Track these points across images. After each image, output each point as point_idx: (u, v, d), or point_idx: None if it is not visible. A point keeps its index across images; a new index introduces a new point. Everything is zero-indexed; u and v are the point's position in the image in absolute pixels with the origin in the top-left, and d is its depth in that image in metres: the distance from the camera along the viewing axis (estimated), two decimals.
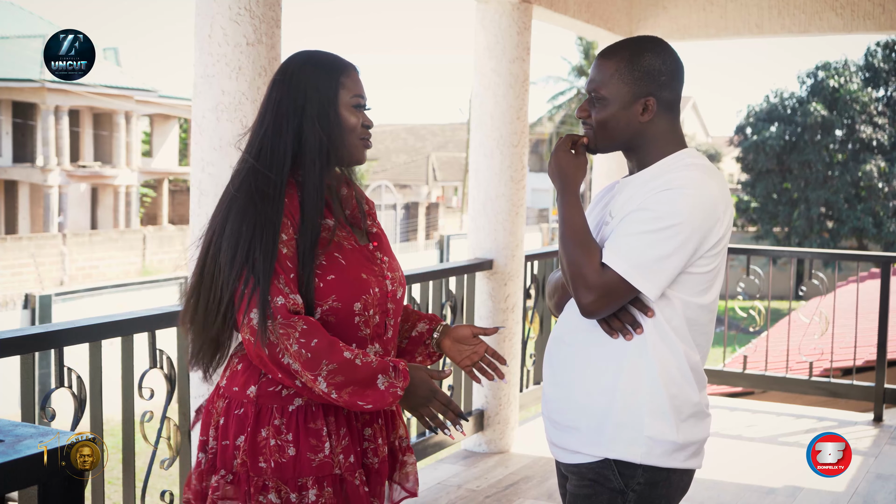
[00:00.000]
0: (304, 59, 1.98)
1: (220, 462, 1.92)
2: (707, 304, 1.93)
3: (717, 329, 16.72)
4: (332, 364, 1.80)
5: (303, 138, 1.93)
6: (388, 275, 2.02)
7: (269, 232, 1.84)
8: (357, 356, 1.83)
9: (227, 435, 1.91)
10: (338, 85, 1.95)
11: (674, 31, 5.78)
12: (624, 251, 1.85)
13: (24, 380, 2.59)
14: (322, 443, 1.89)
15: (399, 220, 28.56)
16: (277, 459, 1.86)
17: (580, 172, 1.97)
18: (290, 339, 1.80)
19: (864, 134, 26.37)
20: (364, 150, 2.00)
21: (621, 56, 1.93)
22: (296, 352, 1.80)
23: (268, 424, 1.88)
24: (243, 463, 1.88)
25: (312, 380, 1.80)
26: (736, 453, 4.75)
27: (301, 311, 1.84)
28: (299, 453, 1.87)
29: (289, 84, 1.95)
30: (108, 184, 28.37)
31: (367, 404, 1.84)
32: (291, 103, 1.93)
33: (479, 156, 4.60)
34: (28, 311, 10.68)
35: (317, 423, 1.89)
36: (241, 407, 1.91)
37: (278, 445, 1.87)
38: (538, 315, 5.18)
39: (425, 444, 4.29)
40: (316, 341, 1.80)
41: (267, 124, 1.94)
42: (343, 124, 1.95)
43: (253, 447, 1.88)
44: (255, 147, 1.94)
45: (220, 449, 1.92)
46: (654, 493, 1.91)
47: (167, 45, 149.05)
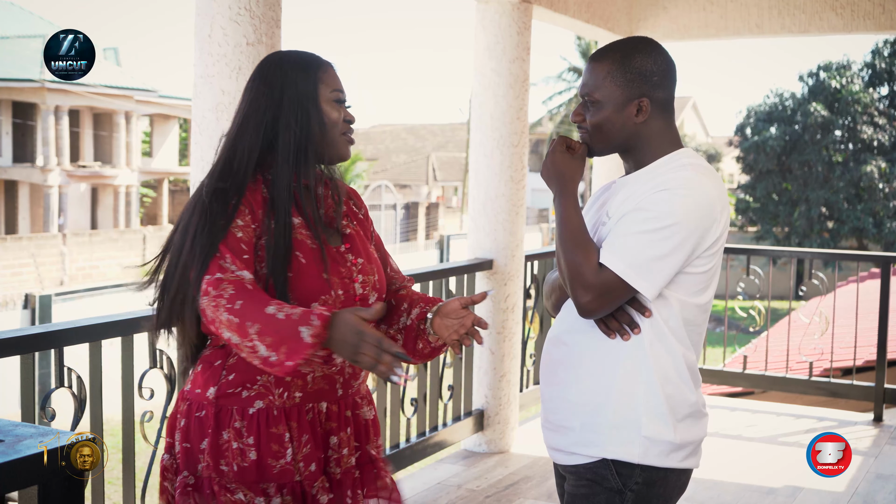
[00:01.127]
0: (279, 59, 1.96)
1: (183, 463, 1.89)
2: (703, 304, 1.94)
3: (718, 329, 16.77)
4: (256, 324, 1.70)
5: (276, 136, 1.90)
6: (359, 278, 1.96)
7: (214, 218, 1.81)
8: (281, 309, 1.71)
9: (189, 437, 1.89)
10: (316, 80, 1.93)
11: (674, 31, 5.78)
12: (621, 251, 1.85)
13: (24, 380, 2.59)
14: (284, 449, 1.85)
15: (399, 220, 28.55)
16: (240, 463, 1.84)
17: (577, 173, 1.97)
18: (220, 308, 1.73)
19: (865, 134, 26.37)
20: (347, 146, 1.98)
21: (612, 58, 1.94)
22: (226, 321, 1.72)
23: (228, 427, 1.85)
24: (207, 467, 1.85)
25: (251, 349, 1.71)
26: (736, 453, 4.75)
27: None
28: (261, 458, 1.84)
29: (265, 84, 1.93)
30: (108, 184, 28.36)
31: (297, 359, 1.69)
32: (267, 101, 1.90)
33: (479, 156, 4.60)
34: (28, 311, 10.67)
35: (279, 427, 1.85)
36: (202, 409, 1.88)
37: (240, 449, 1.84)
38: (538, 315, 5.18)
39: (425, 444, 4.29)
40: (241, 303, 1.72)
41: (241, 125, 1.92)
42: (325, 119, 1.92)
43: (215, 450, 1.85)
44: (226, 149, 1.92)
45: (183, 451, 1.90)
46: (651, 492, 1.92)
47: (167, 45, 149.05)
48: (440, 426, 4.43)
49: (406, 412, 4.21)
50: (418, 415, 4.29)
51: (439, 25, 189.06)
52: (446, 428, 4.44)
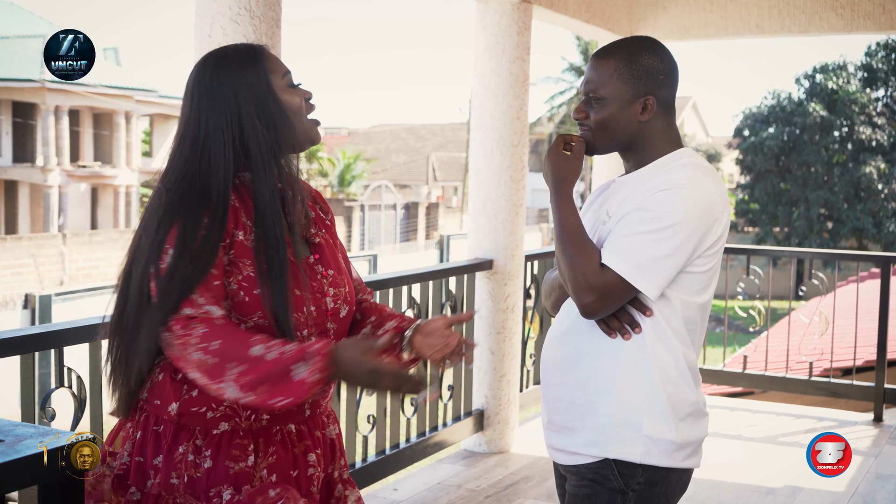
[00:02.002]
0: (218, 62, 1.82)
1: (132, 479, 1.75)
2: (704, 304, 1.94)
3: (717, 329, 16.75)
4: (239, 366, 1.62)
5: (245, 143, 1.77)
6: (330, 291, 1.85)
7: (197, 255, 1.70)
8: (270, 349, 1.64)
9: (143, 452, 1.76)
10: (265, 71, 1.80)
11: (674, 31, 5.78)
12: (623, 251, 1.85)
13: (24, 380, 2.59)
14: (246, 455, 1.75)
15: (399, 220, 28.55)
16: (192, 474, 1.73)
17: (573, 173, 1.96)
18: (188, 348, 1.64)
19: (864, 135, 26.36)
20: (316, 128, 1.86)
21: (619, 56, 1.93)
22: (197, 361, 1.64)
23: (187, 442, 1.74)
24: (157, 484, 1.73)
25: (218, 390, 1.64)
26: (736, 453, 4.75)
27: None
28: (216, 465, 1.72)
29: (213, 94, 1.78)
30: (108, 184, 28.36)
31: (285, 398, 1.62)
32: (223, 113, 1.77)
33: (479, 156, 4.60)
34: (28, 311, 10.67)
35: (245, 440, 1.75)
36: (161, 424, 1.75)
37: (195, 462, 1.73)
38: (538, 315, 5.18)
39: (425, 444, 4.29)
40: (219, 342, 1.64)
41: (198, 144, 1.77)
42: (287, 109, 1.80)
43: (168, 464, 1.73)
44: (193, 171, 1.76)
45: (133, 465, 1.76)
46: (653, 492, 1.92)
47: (167, 45, 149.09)
48: (440, 426, 4.43)
49: (406, 412, 4.21)
50: (418, 415, 4.29)
51: (439, 25, 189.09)
52: (446, 428, 4.44)
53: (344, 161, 35.00)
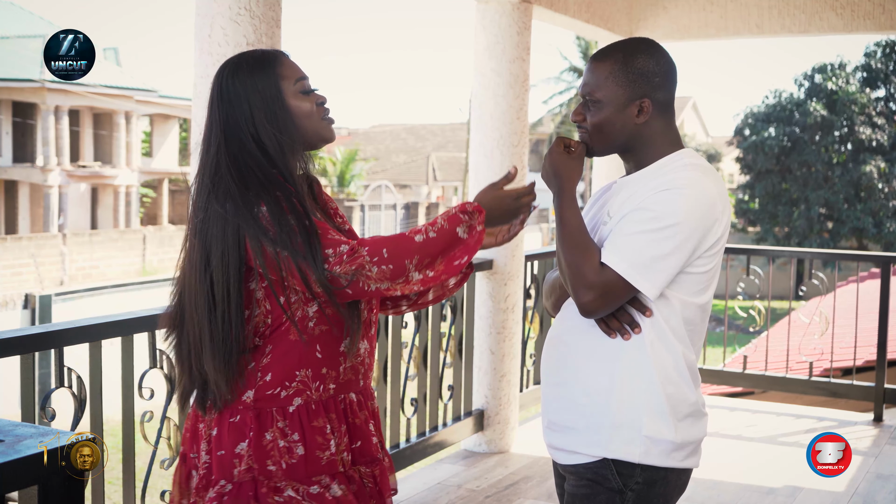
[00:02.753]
0: (233, 68, 1.91)
1: (216, 473, 1.86)
2: (704, 304, 1.94)
3: (718, 329, 16.76)
4: (413, 257, 1.77)
5: (262, 143, 1.87)
6: None
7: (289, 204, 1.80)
8: (427, 231, 1.80)
9: (223, 444, 1.86)
10: (277, 78, 1.89)
11: (674, 31, 5.78)
12: (623, 251, 1.85)
13: (24, 380, 2.59)
14: (327, 441, 1.86)
15: (399, 220, 28.55)
16: (288, 461, 1.83)
17: (575, 173, 1.97)
18: (366, 267, 1.76)
19: (864, 135, 26.37)
20: (329, 128, 1.94)
21: (615, 58, 1.94)
22: (378, 274, 1.77)
23: (271, 427, 1.84)
24: (248, 469, 1.83)
25: (405, 283, 1.79)
26: (736, 453, 4.75)
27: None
28: (308, 452, 1.84)
29: (229, 99, 1.89)
30: (108, 184, 28.37)
31: (463, 258, 1.82)
32: (241, 116, 1.87)
33: (479, 156, 4.60)
34: (28, 311, 10.68)
35: (319, 420, 1.86)
36: (237, 414, 1.85)
37: (287, 447, 1.84)
38: (538, 315, 5.18)
39: (425, 444, 4.29)
40: (386, 250, 1.77)
41: (220, 146, 1.87)
42: (296, 114, 1.89)
43: (259, 451, 1.83)
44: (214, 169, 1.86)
45: (215, 461, 1.86)
46: (652, 492, 1.92)
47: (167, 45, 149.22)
48: (440, 426, 4.43)
49: (406, 412, 4.21)
50: (418, 415, 4.29)
51: (439, 25, 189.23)
52: (446, 428, 4.44)
53: (342, 160, 35.01)
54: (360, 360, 1.95)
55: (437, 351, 4.38)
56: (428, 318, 4.29)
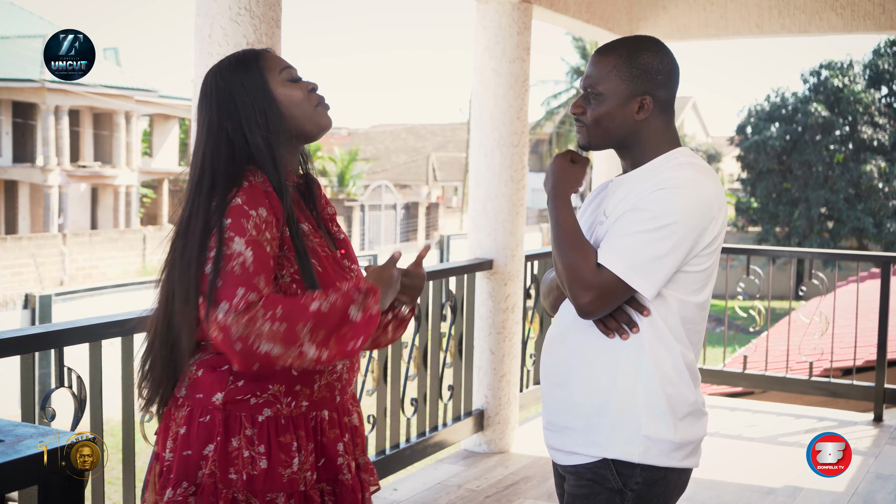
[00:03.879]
0: (217, 69, 1.90)
1: (179, 473, 1.81)
2: (701, 303, 1.94)
3: (717, 329, 16.76)
4: (307, 323, 1.71)
5: (250, 144, 1.84)
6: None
7: (220, 231, 1.76)
8: (321, 302, 1.74)
9: (190, 444, 1.82)
10: (261, 70, 1.87)
11: (674, 31, 5.78)
12: (620, 251, 1.85)
13: (24, 380, 2.59)
14: (291, 458, 1.82)
15: (399, 220, 28.55)
16: (249, 472, 1.79)
17: (573, 178, 1.97)
18: (258, 322, 1.70)
19: (865, 134, 26.36)
20: (325, 114, 1.90)
21: (619, 53, 1.94)
22: (269, 332, 1.70)
23: (238, 434, 1.80)
24: (211, 474, 1.79)
25: (299, 353, 1.72)
26: (736, 453, 4.75)
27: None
28: (271, 467, 1.80)
29: (214, 98, 1.87)
30: (108, 184, 28.36)
31: (356, 341, 1.77)
32: (225, 115, 1.85)
33: (479, 156, 4.60)
34: (28, 311, 10.67)
35: (287, 436, 1.83)
36: (207, 414, 1.81)
37: (251, 457, 1.80)
38: (538, 315, 5.18)
39: (425, 444, 4.29)
40: (280, 308, 1.71)
41: (206, 146, 1.85)
42: (285, 103, 1.86)
43: (224, 457, 1.79)
44: (197, 173, 1.84)
45: (178, 460, 1.82)
46: (652, 492, 1.91)
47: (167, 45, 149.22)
48: (440, 426, 4.43)
49: (406, 412, 4.21)
50: (418, 415, 4.29)
51: (439, 25, 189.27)
52: (446, 428, 4.44)
53: (342, 160, 35.01)
54: (336, 377, 1.91)
55: (437, 351, 4.38)
56: (428, 318, 4.29)
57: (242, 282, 1.72)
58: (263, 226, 1.77)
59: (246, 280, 1.72)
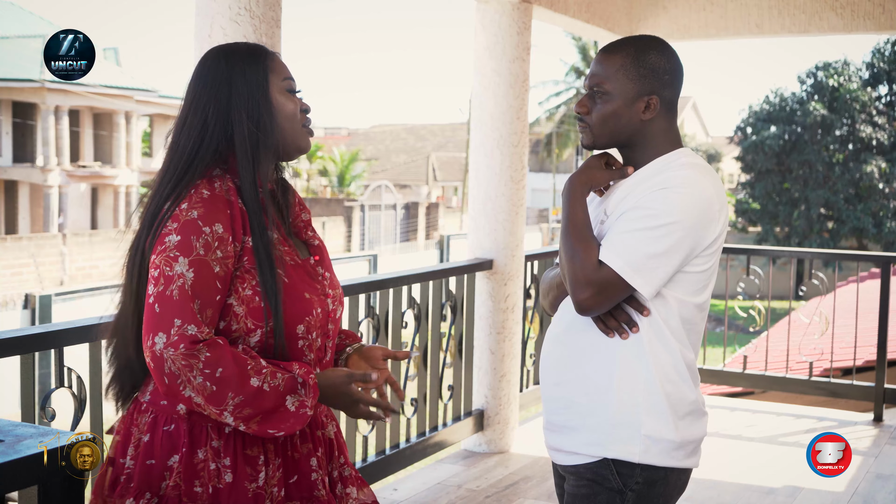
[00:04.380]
0: (222, 52, 1.83)
1: (141, 483, 1.72)
2: (701, 303, 1.94)
3: (718, 329, 16.78)
4: (238, 396, 1.65)
5: (230, 134, 1.77)
6: (330, 293, 1.87)
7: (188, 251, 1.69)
8: (265, 380, 1.67)
9: (153, 454, 1.73)
10: (266, 70, 1.81)
11: (674, 31, 5.78)
12: (620, 248, 1.85)
13: (24, 380, 2.59)
14: (257, 472, 1.75)
15: (399, 220, 28.55)
16: (215, 485, 1.71)
17: (598, 178, 1.94)
18: (193, 370, 1.63)
19: (864, 134, 26.37)
20: (307, 137, 1.85)
21: (626, 52, 1.93)
22: (199, 385, 1.64)
23: (205, 445, 1.73)
24: (175, 486, 1.71)
25: (217, 414, 1.66)
26: (736, 453, 4.75)
27: (208, 339, 1.67)
28: (236, 480, 1.72)
29: (209, 78, 1.79)
30: (108, 184, 28.37)
31: (278, 431, 1.70)
32: (214, 97, 1.77)
33: (479, 156, 4.60)
34: (28, 311, 10.68)
35: (254, 449, 1.75)
36: (172, 423, 1.74)
37: (217, 470, 1.72)
38: (538, 315, 5.18)
39: (425, 444, 4.29)
40: (221, 370, 1.64)
41: (189, 121, 1.78)
42: (278, 111, 1.80)
43: (189, 469, 1.72)
44: (175, 149, 1.79)
45: (140, 469, 1.73)
46: (652, 492, 1.91)
47: (167, 45, 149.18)
48: (440, 426, 4.43)
49: (406, 412, 4.21)
50: (418, 415, 4.29)
51: (439, 25, 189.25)
52: (446, 428, 4.44)
53: (342, 161, 35.01)
54: None
55: (437, 351, 4.38)
56: (428, 318, 4.29)
57: (179, 311, 1.66)
58: (216, 244, 1.70)
59: (182, 309, 1.66)
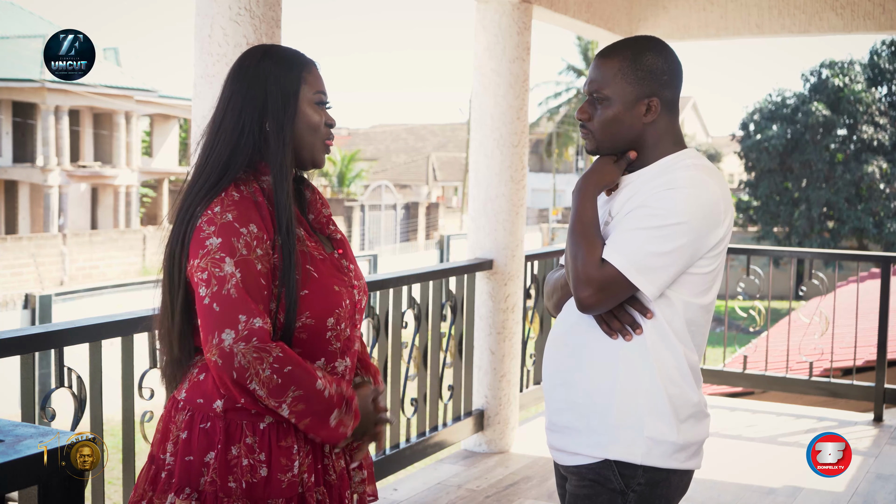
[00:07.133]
0: (262, 53, 1.88)
1: (181, 479, 1.78)
2: (707, 305, 1.93)
3: (718, 329, 16.82)
4: (298, 391, 1.72)
5: (265, 137, 1.82)
6: (356, 284, 1.92)
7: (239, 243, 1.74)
8: (326, 387, 1.76)
9: (191, 450, 1.79)
10: (300, 80, 1.85)
11: (674, 31, 5.78)
12: (623, 247, 1.84)
13: (24, 380, 2.59)
14: (292, 462, 1.80)
15: (399, 220, 28.56)
16: (249, 480, 1.77)
17: (608, 177, 1.94)
18: (263, 363, 1.70)
19: (866, 134, 26.36)
20: (324, 153, 1.89)
21: (623, 55, 1.93)
22: (266, 378, 1.70)
23: (239, 442, 1.78)
24: (212, 482, 1.76)
25: (276, 406, 1.73)
26: (736, 453, 4.75)
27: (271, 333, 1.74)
28: (271, 474, 1.78)
29: (246, 79, 1.84)
30: (108, 184, 28.37)
31: (318, 438, 1.80)
32: (250, 99, 1.82)
33: (479, 156, 4.60)
34: (28, 311, 10.67)
35: (288, 440, 1.80)
36: (208, 420, 1.79)
37: (251, 465, 1.77)
38: (538, 315, 5.18)
39: (425, 444, 4.29)
40: (290, 368, 1.72)
41: (225, 123, 1.83)
42: (304, 121, 1.84)
43: (224, 466, 1.77)
44: (211, 150, 1.83)
45: (180, 465, 1.79)
46: (654, 493, 1.91)
47: (167, 45, 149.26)
48: (440, 426, 4.43)
49: (406, 412, 4.21)
50: (418, 415, 4.29)
51: (439, 25, 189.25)
52: (446, 428, 4.44)
53: (343, 161, 35.01)
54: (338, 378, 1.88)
55: (437, 351, 4.38)
56: (428, 318, 4.29)
57: (242, 307, 1.71)
58: (254, 243, 1.75)
59: (245, 304, 1.71)
